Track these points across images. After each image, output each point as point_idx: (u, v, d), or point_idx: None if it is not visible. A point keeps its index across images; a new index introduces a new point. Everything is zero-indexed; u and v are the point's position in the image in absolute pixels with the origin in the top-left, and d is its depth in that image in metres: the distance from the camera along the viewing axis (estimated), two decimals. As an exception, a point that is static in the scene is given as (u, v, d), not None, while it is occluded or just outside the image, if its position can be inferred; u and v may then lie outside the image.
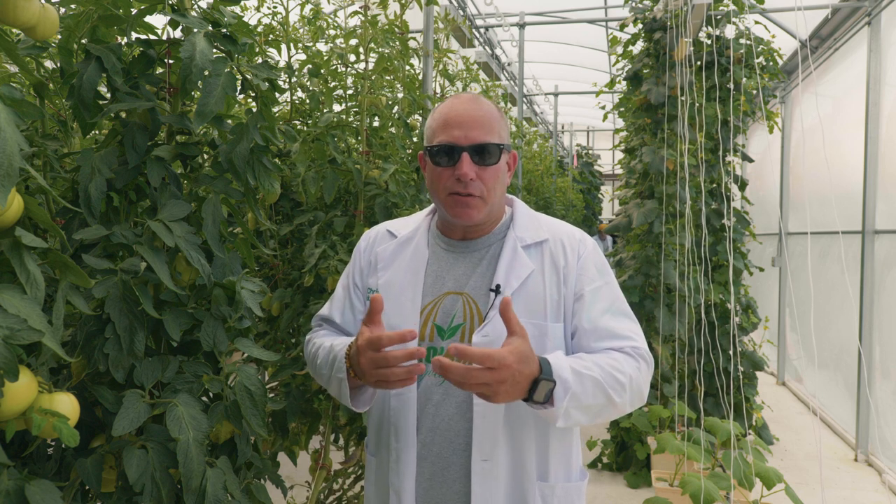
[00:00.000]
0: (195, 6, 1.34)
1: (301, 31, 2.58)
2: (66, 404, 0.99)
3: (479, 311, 1.25)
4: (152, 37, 1.34)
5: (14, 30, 1.20)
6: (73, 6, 1.25)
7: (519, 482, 1.23)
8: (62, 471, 1.18)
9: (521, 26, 6.62)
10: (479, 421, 1.21)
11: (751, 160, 4.41)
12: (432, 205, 1.39)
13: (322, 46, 2.60)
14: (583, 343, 1.24)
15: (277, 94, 1.45)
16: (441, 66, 3.20)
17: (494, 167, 1.25)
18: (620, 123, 6.34)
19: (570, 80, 10.94)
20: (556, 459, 1.26)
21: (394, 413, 1.26)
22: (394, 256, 1.35)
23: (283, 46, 2.45)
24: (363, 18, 2.39)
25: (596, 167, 14.07)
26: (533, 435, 1.24)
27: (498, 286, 1.23)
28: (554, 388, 1.09)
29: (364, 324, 1.16)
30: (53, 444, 1.20)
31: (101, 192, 1.20)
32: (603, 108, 5.35)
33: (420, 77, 2.92)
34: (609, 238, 10.30)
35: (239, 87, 1.32)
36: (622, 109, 4.64)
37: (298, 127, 2.53)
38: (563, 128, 14.10)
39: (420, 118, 2.83)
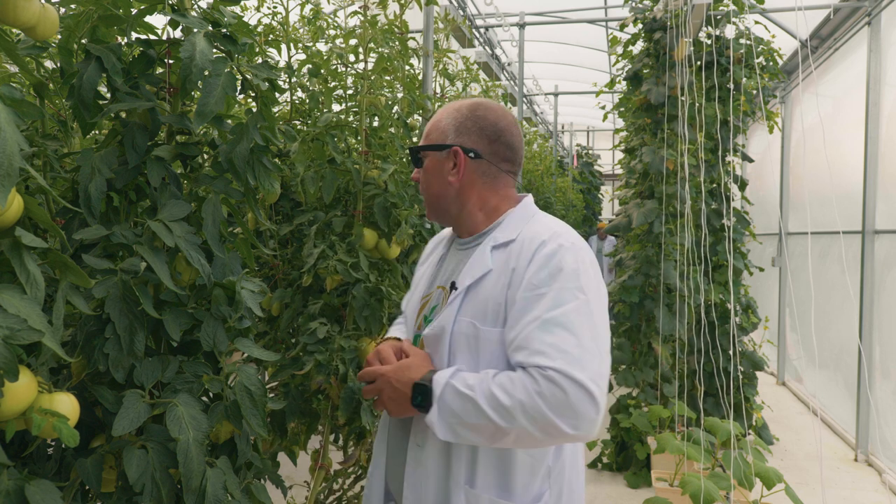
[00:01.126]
0: (195, 6, 1.34)
1: (301, 31, 2.58)
2: (66, 404, 0.99)
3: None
4: (152, 37, 1.34)
5: (14, 30, 1.20)
6: (73, 6, 1.25)
7: (447, 479, 1.21)
8: (62, 471, 1.18)
9: (521, 26, 6.62)
10: None
11: (751, 160, 4.41)
12: None
13: (322, 46, 2.60)
14: (507, 351, 1.17)
15: (277, 94, 1.46)
16: (441, 66, 3.20)
17: (422, 170, 1.37)
18: (620, 123, 6.34)
19: (570, 80, 10.94)
20: (486, 468, 1.20)
21: None
22: (429, 254, 1.50)
23: (283, 46, 2.45)
24: (363, 18, 2.39)
25: (596, 167, 14.06)
26: None
27: (453, 283, 1.28)
28: (431, 395, 1.14)
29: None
30: (53, 444, 1.20)
31: (101, 192, 1.20)
32: (603, 108, 5.35)
33: (420, 77, 2.92)
34: (610, 238, 10.18)
35: (239, 87, 1.32)
36: (622, 109, 4.64)
37: (298, 127, 2.53)
38: (563, 128, 14.09)
39: (420, 118, 2.83)
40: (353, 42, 2.43)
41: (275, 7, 2.45)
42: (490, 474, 1.20)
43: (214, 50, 1.24)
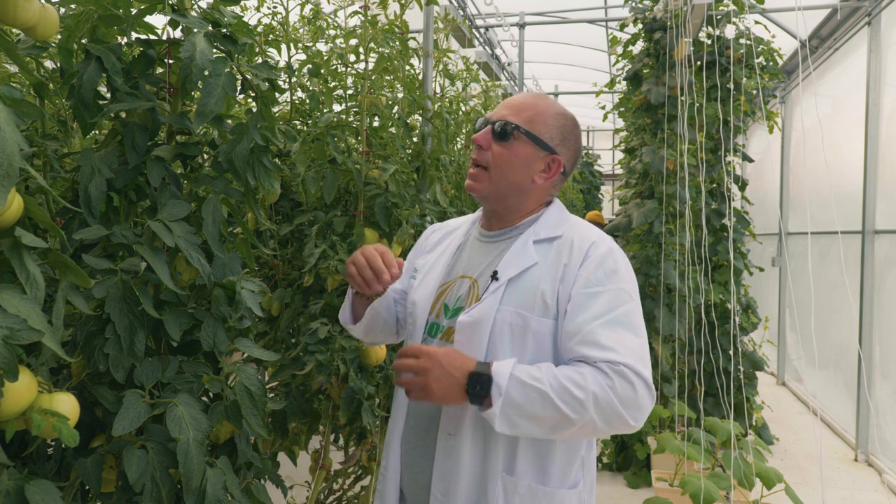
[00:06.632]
0: (195, 6, 1.34)
1: (301, 31, 2.58)
2: (66, 404, 0.99)
3: (478, 295, 1.28)
4: (152, 37, 1.34)
5: (14, 30, 1.20)
6: (73, 6, 1.25)
7: (482, 468, 1.21)
8: (62, 471, 1.18)
9: (521, 26, 6.61)
10: None
11: (751, 160, 4.41)
12: None
13: (322, 46, 2.60)
14: (565, 344, 1.20)
15: (277, 94, 1.46)
16: (441, 66, 3.20)
17: (507, 146, 1.28)
18: (620, 123, 6.34)
19: (570, 80, 10.94)
20: (526, 456, 1.22)
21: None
22: (438, 243, 1.48)
23: (283, 46, 2.45)
24: (363, 18, 2.39)
25: (596, 167, 14.07)
26: None
27: (495, 272, 1.26)
28: (490, 385, 1.11)
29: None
30: (53, 444, 1.20)
31: (101, 192, 1.20)
32: (603, 108, 5.35)
33: (420, 77, 2.91)
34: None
35: (239, 87, 1.32)
36: (622, 109, 4.64)
37: (298, 127, 2.53)
38: (563, 128, 14.05)
39: (420, 118, 2.82)
40: (353, 42, 2.43)
41: (275, 7, 2.45)
42: (529, 461, 1.22)
43: (214, 50, 1.24)
